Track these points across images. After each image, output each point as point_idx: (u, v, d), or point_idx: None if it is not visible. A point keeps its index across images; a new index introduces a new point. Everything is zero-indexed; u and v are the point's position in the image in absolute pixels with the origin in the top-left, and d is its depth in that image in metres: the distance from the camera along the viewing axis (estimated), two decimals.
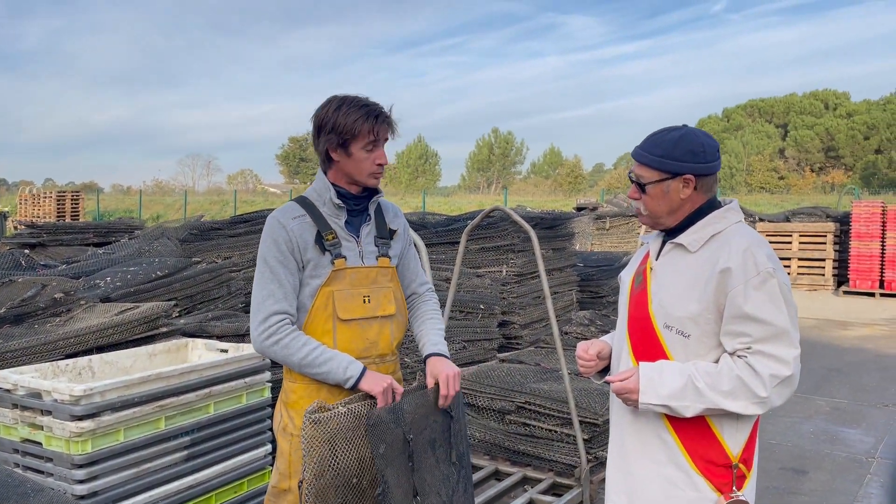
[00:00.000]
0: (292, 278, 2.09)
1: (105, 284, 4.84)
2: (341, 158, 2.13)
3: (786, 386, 1.83)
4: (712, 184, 1.97)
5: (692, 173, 1.91)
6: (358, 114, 2.08)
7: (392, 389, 2.04)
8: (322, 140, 2.13)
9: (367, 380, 2.04)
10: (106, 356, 3.10)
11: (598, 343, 2.14)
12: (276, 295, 2.06)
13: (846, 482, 4.54)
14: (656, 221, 1.99)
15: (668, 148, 1.91)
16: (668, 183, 1.92)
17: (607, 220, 13.89)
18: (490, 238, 6.76)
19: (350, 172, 2.14)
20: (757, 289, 1.82)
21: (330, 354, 2.05)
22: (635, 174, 1.98)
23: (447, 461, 2.18)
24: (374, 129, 2.10)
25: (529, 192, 43.57)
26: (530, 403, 4.44)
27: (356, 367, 2.06)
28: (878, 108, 48.32)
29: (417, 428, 2.08)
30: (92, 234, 7.98)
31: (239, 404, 3.07)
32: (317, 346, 2.06)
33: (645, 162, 1.94)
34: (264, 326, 2.06)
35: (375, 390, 2.02)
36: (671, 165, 1.91)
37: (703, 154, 1.91)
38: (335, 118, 2.09)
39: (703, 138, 1.93)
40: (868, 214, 13.26)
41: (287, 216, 2.13)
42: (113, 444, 2.60)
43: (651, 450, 1.95)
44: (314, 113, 2.16)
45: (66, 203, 26.83)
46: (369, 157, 2.13)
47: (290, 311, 2.08)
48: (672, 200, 1.94)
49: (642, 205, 1.98)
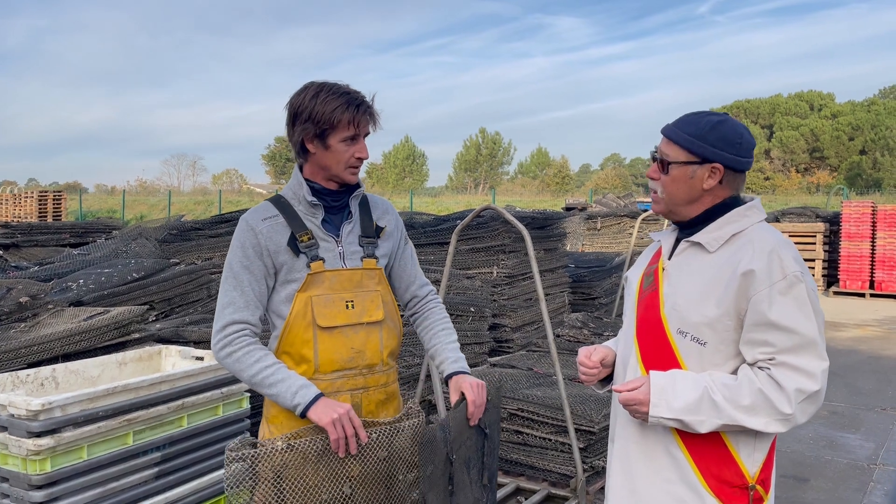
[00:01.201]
0: (257, 285, 1.92)
1: (77, 287, 4.61)
2: (318, 150, 1.95)
3: (812, 402, 1.66)
4: (740, 182, 1.80)
5: (722, 163, 1.74)
6: (337, 102, 1.89)
7: (350, 420, 1.79)
8: (297, 130, 1.94)
9: (318, 408, 1.79)
10: (71, 365, 2.88)
11: (602, 349, 1.97)
12: (236, 303, 1.89)
13: (849, 490, 4.39)
14: (671, 209, 1.81)
15: (703, 130, 1.74)
16: (695, 168, 1.75)
17: (598, 220, 13.75)
18: (480, 238, 6.58)
19: (327, 166, 1.96)
20: (783, 294, 1.65)
21: (281, 376, 1.84)
22: (661, 151, 1.80)
23: (479, 483, 2.03)
24: (355, 121, 1.91)
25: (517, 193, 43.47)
26: (523, 410, 4.27)
27: (307, 394, 1.81)
28: (863, 110, 48.68)
29: (457, 447, 1.92)
30: (68, 235, 7.72)
31: (215, 416, 2.87)
32: (270, 364, 1.86)
33: (674, 138, 1.77)
34: (220, 336, 1.89)
35: (324, 421, 1.76)
36: (702, 149, 1.73)
37: (738, 145, 1.74)
38: (312, 106, 1.90)
39: (742, 130, 1.76)
40: (858, 215, 13.20)
41: (257, 217, 1.95)
42: (75, 463, 2.39)
43: (659, 466, 1.78)
44: (289, 99, 1.97)
45: (48, 203, 26.40)
46: (349, 150, 1.94)
47: (250, 320, 1.90)
48: (693, 188, 1.76)
49: (660, 186, 1.80)
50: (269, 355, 1.88)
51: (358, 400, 1.95)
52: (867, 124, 46.71)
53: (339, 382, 1.93)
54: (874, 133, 46.07)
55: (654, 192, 1.84)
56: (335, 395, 1.92)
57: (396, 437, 1.86)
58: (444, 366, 2.08)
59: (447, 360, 2.08)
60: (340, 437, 1.76)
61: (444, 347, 2.11)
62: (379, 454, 1.83)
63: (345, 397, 1.93)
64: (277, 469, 1.70)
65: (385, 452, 1.84)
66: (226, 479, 1.63)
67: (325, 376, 1.92)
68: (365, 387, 1.97)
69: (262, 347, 1.90)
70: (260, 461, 1.67)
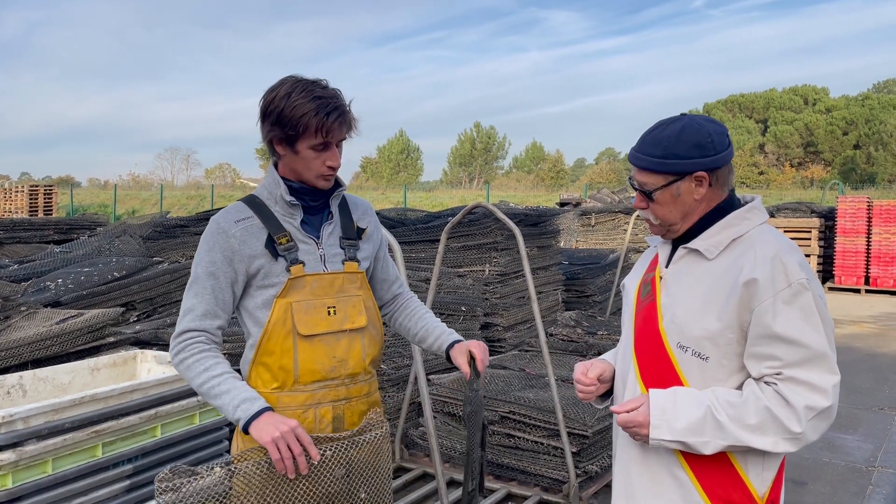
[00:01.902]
0: (221, 293, 1.80)
1: (56, 287, 4.47)
2: (286, 154, 1.82)
3: (823, 419, 1.55)
4: (728, 175, 1.68)
5: (703, 169, 1.62)
6: (307, 107, 1.74)
7: (297, 438, 1.66)
8: (265, 130, 1.81)
9: (259, 424, 1.65)
10: (40, 372, 2.75)
11: (599, 364, 1.85)
12: (196, 310, 1.79)
13: (847, 494, 4.30)
14: (669, 229, 1.70)
15: (670, 145, 1.62)
16: (678, 185, 1.63)
17: (592, 216, 13.62)
18: (472, 236, 6.45)
19: (297, 170, 1.84)
20: (788, 304, 1.54)
21: (227, 387, 1.71)
22: (637, 181, 1.68)
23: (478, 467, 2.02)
24: (324, 129, 1.76)
25: (512, 187, 43.38)
26: (515, 413, 4.17)
27: (249, 408, 1.67)
28: (857, 104, 48.67)
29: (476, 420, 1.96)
30: (52, 232, 7.54)
31: (190, 426, 2.74)
32: (219, 373, 1.74)
33: (646, 166, 1.65)
34: (175, 342, 1.79)
35: (264, 439, 1.62)
36: (677, 165, 1.61)
37: (710, 145, 1.62)
38: (282, 108, 1.75)
39: (707, 126, 1.64)
40: (853, 210, 13.13)
41: (230, 220, 1.82)
42: (39, 478, 2.26)
43: (662, 489, 1.68)
44: (263, 95, 1.83)
45: (39, 197, 26.17)
46: (319, 157, 1.80)
47: (208, 328, 1.79)
48: (685, 204, 1.65)
49: (651, 214, 1.69)
50: (220, 364, 1.76)
51: (340, 412, 1.84)
52: (861, 119, 46.71)
53: (321, 394, 1.82)
54: (868, 127, 46.08)
55: (647, 220, 1.73)
56: (316, 407, 1.81)
57: (356, 452, 1.74)
58: (441, 339, 2.02)
59: (443, 334, 2.03)
60: (286, 458, 1.63)
61: (435, 327, 2.05)
62: (336, 472, 1.70)
63: (326, 409, 1.82)
64: (219, 498, 1.58)
65: (343, 470, 1.72)
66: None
67: (305, 387, 1.80)
68: (347, 398, 1.86)
69: (216, 355, 1.79)
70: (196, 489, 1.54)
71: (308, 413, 1.80)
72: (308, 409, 1.80)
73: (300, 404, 1.80)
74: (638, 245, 11.05)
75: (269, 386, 1.80)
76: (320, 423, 1.81)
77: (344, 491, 1.74)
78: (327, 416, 1.82)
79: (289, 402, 1.79)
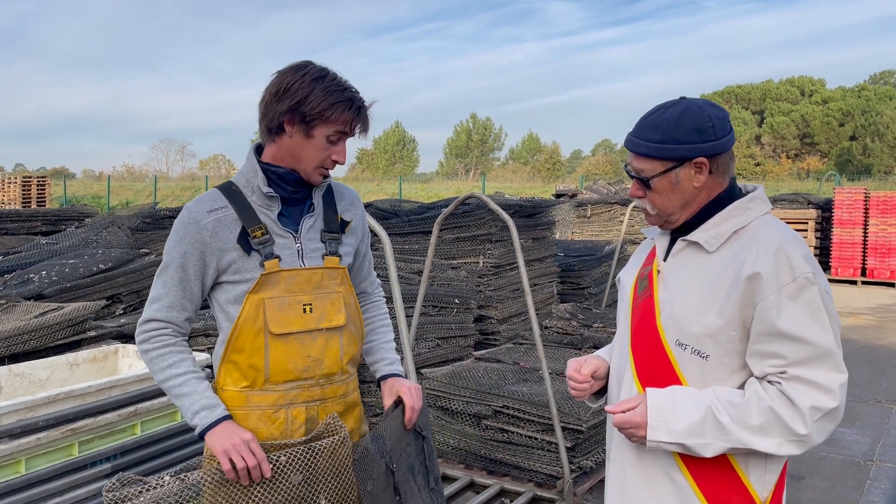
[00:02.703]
0: (189, 285, 1.73)
1: (40, 279, 4.37)
2: (296, 136, 1.72)
3: (829, 420, 1.47)
4: (728, 162, 1.59)
5: (703, 155, 1.53)
6: (339, 97, 1.70)
7: (250, 451, 1.62)
8: (281, 106, 1.70)
9: (214, 434, 1.64)
10: (17, 367, 2.66)
11: (593, 360, 1.76)
12: (162, 301, 1.74)
13: (846, 489, 4.24)
14: (668, 219, 1.61)
15: (669, 129, 1.53)
16: (677, 172, 1.55)
17: (588, 207, 13.54)
18: (466, 227, 6.36)
19: (298, 157, 1.74)
20: (793, 299, 1.45)
21: (187, 389, 1.68)
22: (634, 168, 1.60)
23: (426, 488, 1.90)
24: (353, 123, 1.74)
25: (508, 179, 43.27)
26: (508, 407, 4.10)
27: (207, 417, 1.65)
28: (853, 95, 48.62)
29: (397, 456, 1.78)
30: (40, 223, 7.42)
31: (172, 423, 2.66)
32: (182, 372, 1.70)
33: (643, 152, 1.56)
34: (140, 330, 1.76)
35: (216, 449, 1.61)
36: (676, 151, 1.53)
37: (711, 130, 1.53)
38: (310, 90, 1.68)
39: (708, 110, 1.55)
40: (850, 201, 13.08)
41: (202, 209, 1.73)
42: (11, 478, 2.17)
43: (659, 493, 1.60)
44: (279, 72, 1.74)
45: (32, 189, 25.98)
46: (329, 149, 1.74)
47: (175, 320, 1.75)
48: (684, 192, 1.56)
49: (648, 203, 1.60)
50: (184, 361, 1.72)
51: (314, 413, 1.77)
52: (858, 110, 46.67)
53: (293, 394, 1.74)
54: (864, 119, 46.04)
55: (644, 210, 1.64)
56: (288, 408, 1.74)
57: (314, 459, 1.67)
58: (378, 366, 1.98)
59: (382, 361, 1.97)
60: (241, 468, 1.60)
61: (381, 346, 2.00)
62: (292, 479, 1.64)
63: (299, 410, 1.75)
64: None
65: (300, 476, 1.65)
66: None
67: (276, 387, 1.73)
68: (322, 398, 1.78)
69: (182, 350, 1.75)
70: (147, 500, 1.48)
71: (279, 413, 1.73)
72: (279, 410, 1.73)
73: (271, 404, 1.73)
74: (634, 237, 10.98)
75: (239, 384, 1.73)
76: (292, 424, 1.74)
77: (303, 497, 1.67)
78: (300, 417, 1.75)
79: (259, 401, 1.72)
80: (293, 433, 1.73)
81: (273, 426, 1.72)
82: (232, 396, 1.73)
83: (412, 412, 1.83)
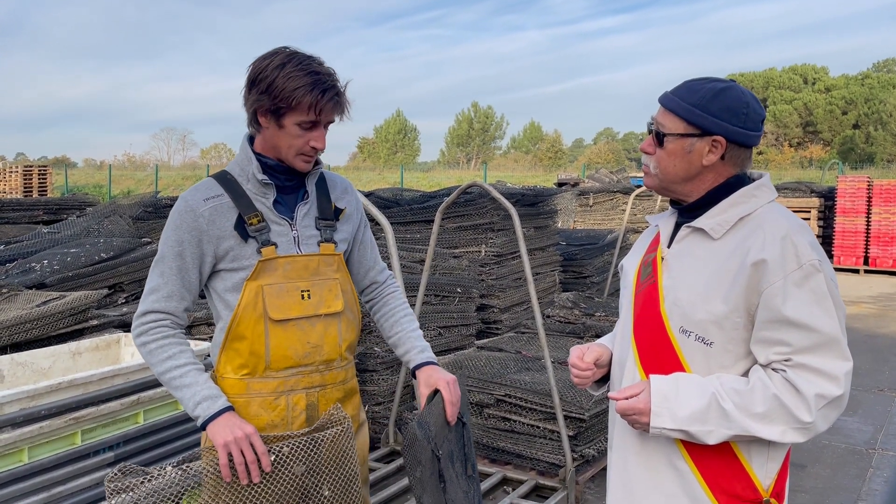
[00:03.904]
0: (187, 274, 1.73)
1: (41, 268, 4.37)
2: (270, 127, 1.72)
3: (834, 408, 1.46)
4: (745, 159, 1.58)
5: (724, 135, 1.52)
6: (302, 81, 1.65)
7: (250, 445, 1.61)
8: (252, 98, 1.71)
9: (216, 425, 1.62)
10: (19, 356, 2.66)
11: (596, 348, 1.75)
12: (160, 291, 1.72)
13: (848, 477, 4.24)
14: (665, 186, 1.60)
15: (705, 98, 1.53)
16: (693, 141, 1.54)
17: (591, 196, 13.50)
18: (468, 216, 6.34)
19: (277, 146, 1.74)
20: (798, 286, 1.44)
21: (189, 381, 1.67)
22: (656, 122, 1.59)
23: (464, 475, 1.91)
24: (317, 107, 1.67)
25: (509, 168, 43.18)
26: (510, 396, 4.10)
27: (209, 408, 1.64)
28: (857, 83, 48.41)
29: (441, 442, 1.78)
30: (41, 212, 7.41)
31: (174, 412, 2.66)
32: (181, 364, 1.69)
33: (672, 107, 1.55)
34: (138, 322, 1.73)
35: (217, 441, 1.60)
36: (702, 119, 1.52)
37: (744, 116, 1.52)
38: (274, 77, 1.66)
39: (749, 99, 1.55)
40: (853, 190, 13.03)
41: (199, 197, 1.73)
42: (14, 467, 2.17)
43: (661, 480, 1.59)
44: (253, 62, 1.73)
45: (34, 178, 25.94)
46: (304, 136, 1.71)
47: (173, 311, 1.73)
48: (692, 164, 1.55)
49: (654, 161, 1.59)
50: (183, 353, 1.71)
51: (314, 399, 1.78)
52: (861, 98, 46.47)
53: (293, 380, 1.75)
54: (868, 107, 45.85)
55: (645, 169, 1.62)
56: (288, 395, 1.74)
57: (317, 450, 1.67)
58: (410, 355, 1.93)
59: (413, 350, 1.93)
60: (238, 463, 1.59)
61: (409, 336, 1.95)
62: (295, 469, 1.64)
63: (299, 396, 1.75)
64: (173, 497, 1.52)
65: (303, 467, 1.65)
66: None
67: (277, 374, 1.73)
68: (322, 384, 1.79)
69: (180, 342, 1.73)
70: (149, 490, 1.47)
71: (280, 400, 1.74)
72: (280, 396, 1.73)
73: (272, 391, 1.73)
74: (637, 225, 10.96)
75: (240, 372, 1.73)
76: (293, 410, 1.74)
77: (306, 488, 1.67)
78: (300, 403, 1.75)
79: (259, 388, 1.73)
80: (294, 420, 1.74)
81: (274, 413, 1.72)
82: (232, 384, 1.73)
83: (452, 407, 1.81)
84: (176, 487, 1.50)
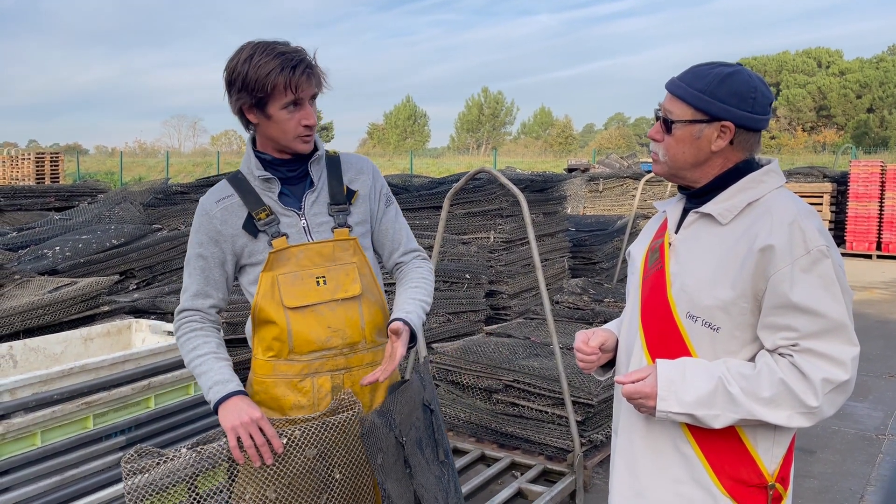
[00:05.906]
0: (211, 272, 1.82)
1: (53, 255, 4.40)
2: (260, 121, 1.77)
3: (840, 392, 1.46)
4: (753, 143, 1.57)
5: (733, 121, 1.51)
6: (271, 65, 1.69)
7: (259, 429, 1.64)
8: (234, 100, 1.76)
9: (225, 409, 1.68)
10: (31, 342, 2.69)
11: (601, 333, 1.76)
12: (189, 290, 1.84)
13: (857, 463, 4.24)
14: (674, 172, 1.60)
15: (712, 83, 1.52)
16: (702, 127, 1.53)
17: (601, 181, 13.44)
18: (477, 202, 6.33)
19: (274, 137, 1.78)
20: (806, 271, 1.44)
21: (206, 368, 1.75)
22: (664, 109, 1.59)
23: (436, 461, 1.91)
24: (293, 84, 1.71)
25: (519, 153, 43.03)
26: (519, 382, 4.11)
27: (219, 391, 1.70)
28: (871, 67, 47.79)
29: (406, 429, 1.78)
30: (53, 199, 7.46)
31: (185, 396, 2.68)
32: (203, 353, 1.77)
33: (679, 94, 1.55)
34: (175, 318, 1.86)
35: (225, 425, 1.65)
36: (710, 105, 1.51)
37: (752, 101, 1.51)
38: (245, 72, 1.70)
39: (757, 83, 1.54)
40: (866, 174, 12.89)
41: (212, 200, 1.83)
42: (27, 450, 2.21)
43: (667, 464, 1.60)
44: (224, 67, 1.77)
45: (46, 165, 26.07)
46: (293, 117, 1.75)
47: (200, 307, 1.83)
48: (700, 149, 1.54)
49: (662, 148, 1.59)
50: (207, 343, 1.79)
51: (339, 381, 1.81)
52: (875, 81, 45.88)
53: (317, 364, 1.80)
54: (882, 90, 45.28)
55: (654, 155, 1.62)
56: (314, 377, 1.79)
57: (327, 434, 1.70)
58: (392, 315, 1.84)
59: (395, 310, 1.83)
60: (247, 446, 1.63)
61: (400, 299, 1.88)
62: (307, 453, 1.67)
63: (325, 379, 1.80)
64: (188, 478, 1.56)
65: (315, 450, 1.69)
66: (126, 494, 1.43)
67: (301, 357, 1.79)
68: (347, 367, 1.83)
69: (206, 334, 1.82)
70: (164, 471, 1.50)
71: (305, 382, 1.79)
72: (305, 379, 1.79)
73: (297, 373, 1.79)
74: (646, 211, 10.91)
75: (267, 354, 1.80)
76: (318, 392, 1.79)
77: (317, 471, 1.71)
78: (325, 385, 1.80)
79: (285, 370, 1.79)
80: (320, 401, 1.79)
81: (300, 394, 1.79)
82: (261, 365, 1.80)
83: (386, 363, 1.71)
84: (191, 469, 1.53)
